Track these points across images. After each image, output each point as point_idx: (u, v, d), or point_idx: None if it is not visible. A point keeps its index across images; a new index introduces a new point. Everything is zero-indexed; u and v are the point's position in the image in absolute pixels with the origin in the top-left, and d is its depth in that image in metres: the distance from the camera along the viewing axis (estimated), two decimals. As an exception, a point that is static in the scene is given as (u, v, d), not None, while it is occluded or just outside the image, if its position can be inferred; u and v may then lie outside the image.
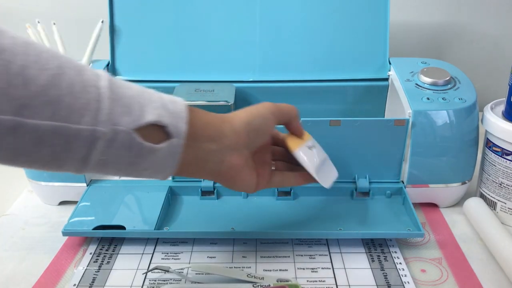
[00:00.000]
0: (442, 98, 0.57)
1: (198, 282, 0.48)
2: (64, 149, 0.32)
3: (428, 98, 0.57)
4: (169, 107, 0.37)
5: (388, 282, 0.47)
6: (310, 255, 0.52)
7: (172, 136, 0.36)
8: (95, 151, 0.33)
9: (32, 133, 0.30)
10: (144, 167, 0.37)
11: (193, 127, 0.39)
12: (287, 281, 0.47)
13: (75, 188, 0.60)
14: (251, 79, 0.68)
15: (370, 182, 0.58)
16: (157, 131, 0.36)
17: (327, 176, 0.48)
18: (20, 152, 0.31)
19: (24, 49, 0.31)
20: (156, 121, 0.35)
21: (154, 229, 0.53)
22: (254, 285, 0.47)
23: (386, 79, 0.67)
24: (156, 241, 0.54)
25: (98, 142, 0.33)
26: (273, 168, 0.49)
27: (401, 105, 0.59)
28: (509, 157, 0.54)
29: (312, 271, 0.49)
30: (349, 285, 0.47)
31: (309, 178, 0.48)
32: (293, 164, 0.49)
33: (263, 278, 0.47)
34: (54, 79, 0.31)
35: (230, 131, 0.42)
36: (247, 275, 0.48)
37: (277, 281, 0.47)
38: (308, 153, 0.47)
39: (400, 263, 0.50)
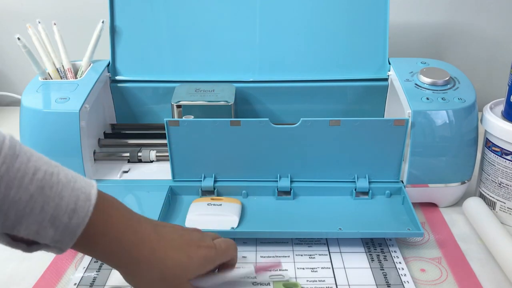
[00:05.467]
0: (442, 98, 0.57)
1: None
2: None
3: (427, 98, 0.57)
4: (60, 221, 0.33)
5: (388, 282, 0.48)
6: (310, 255, 0.52)
7: (51, 247, 0.35)
8: None
9: None
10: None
11: (92, 237, 0.36)
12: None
13: (76, 188, 0.60)
14: (251, 79, 0.68)
15: (369, 182, 0.58)
16: None
17: None
18: None
19: None
20: (29, 237, 0.33)
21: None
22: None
23: (386, 79, 0.67)
24: (156, 241, 0.54)
25: None
26: None
27: (400, 105, 0.59)
28: (508, 157, 0.54)
29: (312, 271, 0.49)
30: (348, 285, 0.47)
31: None
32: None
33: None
34: None
35: (140, 272, 0.38)
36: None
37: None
38: None
39: (400, 263, 0.50)
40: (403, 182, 0.59)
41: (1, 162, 0.31)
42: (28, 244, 0.34)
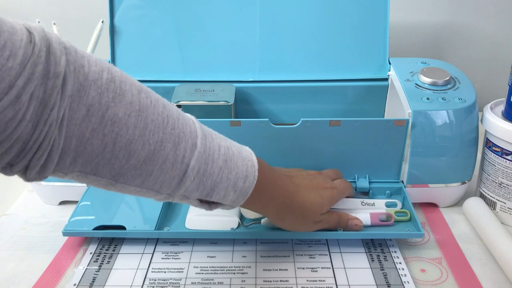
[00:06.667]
0: (442, 98, 0.57)
1: (198, 283, 0.48)
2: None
3: (428, 98, 0.57)
4: (238, 186, 0.41)
5: (388, 282, 0.48)
6: (310, 255, 0.52)
7: (226, 206, 0.43)
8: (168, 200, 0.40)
9: (121, 189, 0.36)
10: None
11: (255, 192, 0.43)
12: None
13: (76, 188, 0.60)
14: (251, 79, 0.68)
15: (370, 182, 0.58)
16: None
17: None
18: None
19: (134, 120, 0.33)
20: (217, 201, 0.41)
21: (154, 229, 0.53)
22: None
23: (386, 79, 0.67)
24: (156, 241, 0.54)
25: (168, 199, 0.40)
26: None
27: (401, 105, 0.59)
28: (508, 157, 0.54)
29: (312, 271, 0.49)
30: (349, 285, 0.47)
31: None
32: None
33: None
34: (152, 155, 0.35)
35: (293, 215, 0.48)
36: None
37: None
38: None
39: (400, 263, 0.50)
40: (403, 182, 0.58)
41: (201, 143, 0.38)
42: (209, 204, 0.42)
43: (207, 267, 0.50)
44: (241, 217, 0.55)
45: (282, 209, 0.47)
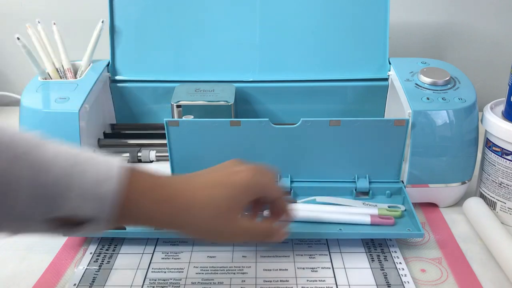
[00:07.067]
0: (442, 98, 0.57)
1: (198, 283, 0.48)
2: None
3: (428, 98, 0.57)
4: (94, 192, 0.34)
5: (388, 282, 0.48)
6: (310, 255, 0.52)
7: (94, 220, 0.35)
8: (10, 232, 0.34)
9: None
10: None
11: (130, 206, 0.36)
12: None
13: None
14: (251, 79, 0.68)
15: (370, 182, 0.58)
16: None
17: None
18: None
19: None
20: (70, 214, 0.34)
21: (155, 229, 0.53)
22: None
23: (386, 79, 0.67)
24: (156, 241, 0.54)
25: (11, 227, 0.34)
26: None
27: (401, 105, 0.59)
28: (508, 157, 0.54)
29: (312, 271, 0.49)
30: (349, 285, 0.47)
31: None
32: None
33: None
34: None
35: (187, 220, 0.38)
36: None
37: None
38: None
39: (400, 263, 0.50)
40: (403, 182, 0.58)
41: (27, 149, 0.33)
42: (75, 225, 0.35)
43: (207, 267, 0.50)
44: None
45: (181, 219, 0.38)
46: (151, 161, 0.65)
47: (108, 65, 0.69)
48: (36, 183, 0.32)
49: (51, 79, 0.66)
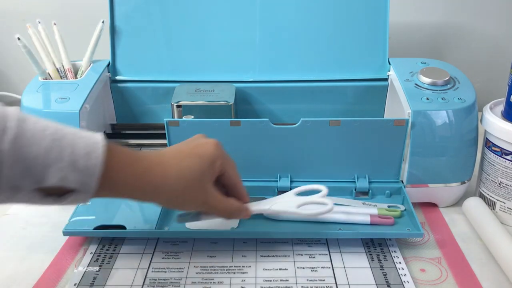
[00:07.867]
0: (442, 98, 0.57)
1: (198, 282, 0.48)
2: None
3: (427, 98, 0.57)
4: (79, 164, 0.36)
5: (388, 282, 0.48)
6: (310, 255, 0.52)
7: (79, 191, 0.37)
8: None
9: None
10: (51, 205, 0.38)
11: (111, 178, 0.38)
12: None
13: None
14: (251, 79, 0.68)
15: (369, 182, 0.58)
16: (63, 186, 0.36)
17: None
18: None
19: None
20: (58, 184, 0.36)
21: (155, 229, 0.53)
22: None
23: (386, 79, 0.67)
24: (157, 241, 0.54)
25: (2, 195, 0.35)
26: None
27: (400, 105, 0.59)
28: (508, 157, 0.54)
29: (312, 270, 0.50)
30: (348, 284, 0.47)
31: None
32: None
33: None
34: None
35: (162, 191, 0.42)
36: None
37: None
38: None
39: (400, 263, 0.50)
40: (403, 182, 0.59)
41: (15, 125, 0.34)
42: (59, 195, 0.37)
43: (207, 266, 0.50)
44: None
45: (156, 190, 0.42)
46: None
47: (108, 65, 0.69)
48: (23, 155, 0.34)
49: (52, 79, 0.66)
